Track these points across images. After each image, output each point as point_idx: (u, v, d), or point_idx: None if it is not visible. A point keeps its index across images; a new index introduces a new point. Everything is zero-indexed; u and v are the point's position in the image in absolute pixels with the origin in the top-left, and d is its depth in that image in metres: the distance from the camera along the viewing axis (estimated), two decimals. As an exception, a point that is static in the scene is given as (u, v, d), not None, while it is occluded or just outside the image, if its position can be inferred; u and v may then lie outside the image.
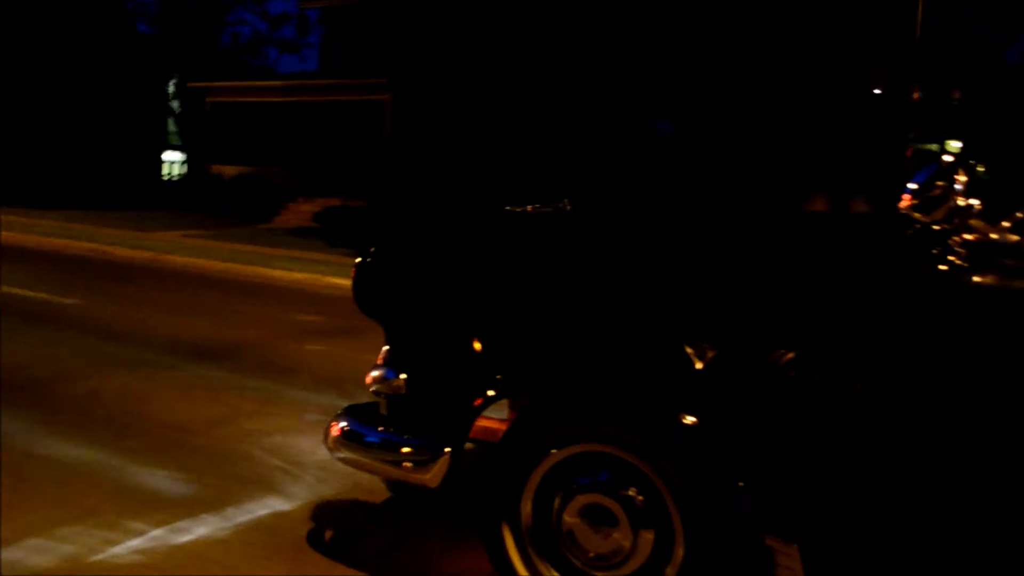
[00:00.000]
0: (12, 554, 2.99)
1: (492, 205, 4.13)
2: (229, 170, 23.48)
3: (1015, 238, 2.30)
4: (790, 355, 2.32)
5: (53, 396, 5.10)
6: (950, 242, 2.32)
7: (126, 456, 4.05)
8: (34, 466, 3.88)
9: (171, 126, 34.30)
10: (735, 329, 2.45)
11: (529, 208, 3.44)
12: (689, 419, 2.34)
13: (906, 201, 2.40)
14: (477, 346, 2.83)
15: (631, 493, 2.44)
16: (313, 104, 22.31)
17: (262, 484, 3.77)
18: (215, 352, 6.59)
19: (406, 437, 2.86)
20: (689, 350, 2.44)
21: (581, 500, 2.50)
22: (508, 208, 3.46)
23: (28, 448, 4.10)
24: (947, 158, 2.36)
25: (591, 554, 2.50)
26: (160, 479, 3.79)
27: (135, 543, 3.12)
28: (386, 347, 3.03)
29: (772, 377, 2.33)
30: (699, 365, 2.42)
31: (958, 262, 2.30)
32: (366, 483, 3.66)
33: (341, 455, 3.03)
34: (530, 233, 3.14)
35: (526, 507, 2.60)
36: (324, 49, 24.35)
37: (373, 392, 3.00)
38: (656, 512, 2.40)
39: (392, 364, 2.97)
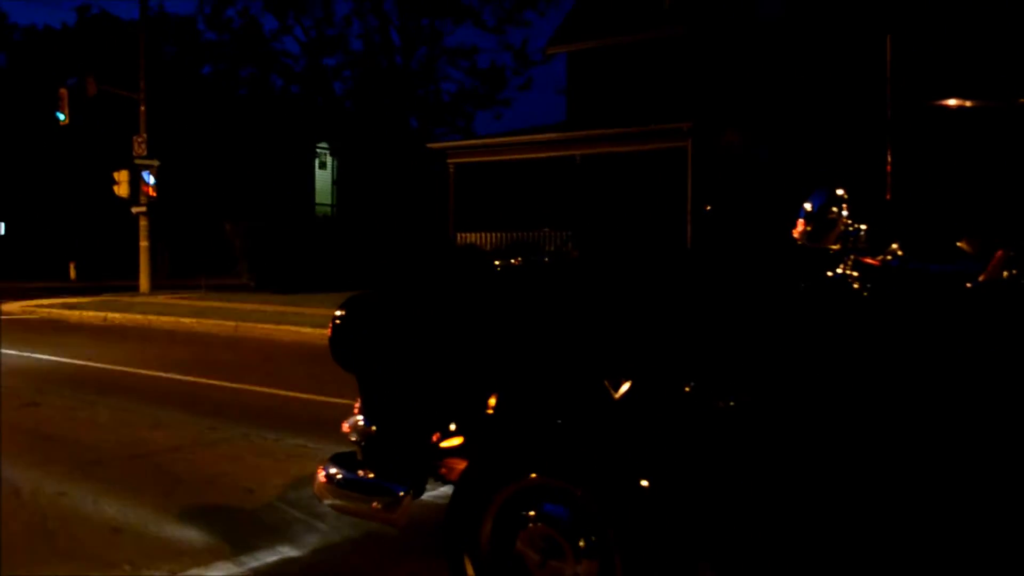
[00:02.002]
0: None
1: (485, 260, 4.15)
2: (477, 237, 20.29)
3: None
4: (712, 389, 2.40)
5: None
6: (844, 265, 2.44)
7: (161, 510, 4.25)
8: (71, 522, 4.10)
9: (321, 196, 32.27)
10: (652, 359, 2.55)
11: (513, 261, 3.85)
12: (629, 477, 2.45)
13: (800, 226, 2.44)
14: (434, 395, 3.01)
15: (577, 527, 2.53)
16: (580, 159, 19.09)
17: (278, 533, 3.95)
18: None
19: (376, 481, 3.03)
20: (615, 391, 2.54)
21: (531, 531, 2.61)
22: (498, 262, 3.77)
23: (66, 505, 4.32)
24: (840, 192, 2.42)
25: None
26: (186, 531, 3.96)
27: None
28: (360, 398, 3.22)
29: (700, 413, 2.41)
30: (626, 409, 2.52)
31: (854, 285, 2.42)
32: (377, 530, 3.80)
33: (326, 500, 3.18)
34: (489, 287, 3.28)
35: (484, 541, 2.71)
36: (573, 96, 21.35)
37: (351, 440, 3.17)
38: (599, 545, 2.49)
39: (365, 413, 3.15)
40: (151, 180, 21.12)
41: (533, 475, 2.59)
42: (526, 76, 31.45)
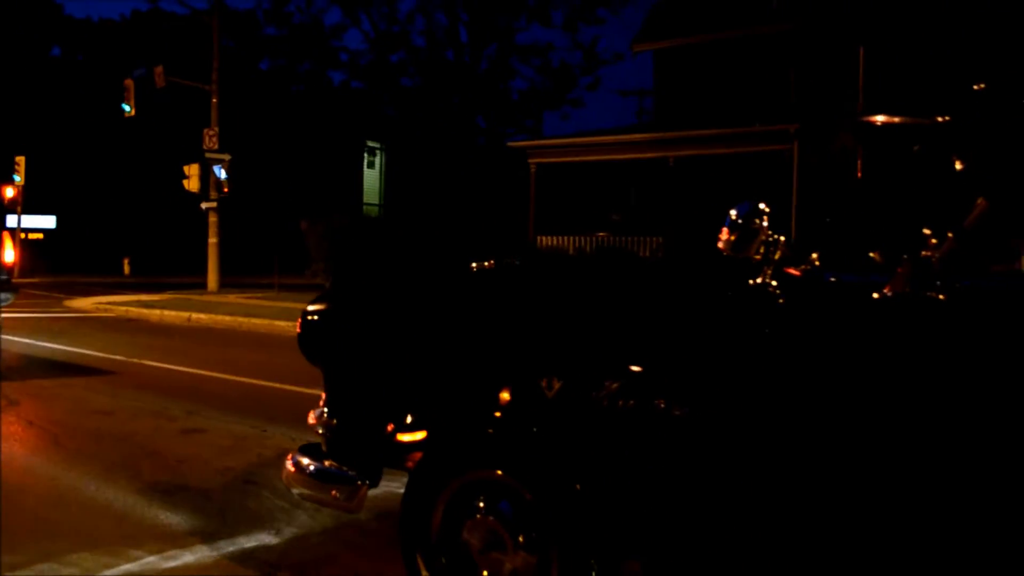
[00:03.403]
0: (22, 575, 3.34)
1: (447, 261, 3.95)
2: (559, 241, 19.27)
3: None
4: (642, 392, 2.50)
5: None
6: (764, 274, 2.48)
7: (149, 494, 4.34)
8: (64, 504, 4.21)
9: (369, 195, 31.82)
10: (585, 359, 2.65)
11: (486, 264, 3.51)
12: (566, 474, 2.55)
13: (724, 234, 2.49)
14: (392, 387, 3.08)
15: (520, 522, 2.61)
16: (674, 161, 17.98)
17: (259, 520, 3.99)
18: None
19: (336, 471, 3.12)
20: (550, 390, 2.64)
21: (477, 523, 2.69)
22: (473, 264, 3.51)
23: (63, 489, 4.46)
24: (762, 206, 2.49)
25: (484, 573, 2.68)
26: (171, 515, 4.05)
27: (129, 567, 3.41)
28: (324, 391, 3.30)
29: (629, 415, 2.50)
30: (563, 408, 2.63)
31: (775, 294, 2.48)
32: (355, 519, 3.87)
33: (293, 488, 3.27)
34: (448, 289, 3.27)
35: (434, 536, 2.79)
36: (660, 96, 20.34)
37: (317, 431, 3.25)
38: (539, 541, 2.57)
39: (328, 406, 3.23)
40: (223, 175, 20.23)
41: (493, 470, 2.66)
42: (594, 76, 30.26)
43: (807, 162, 17.05)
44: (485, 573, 2.66)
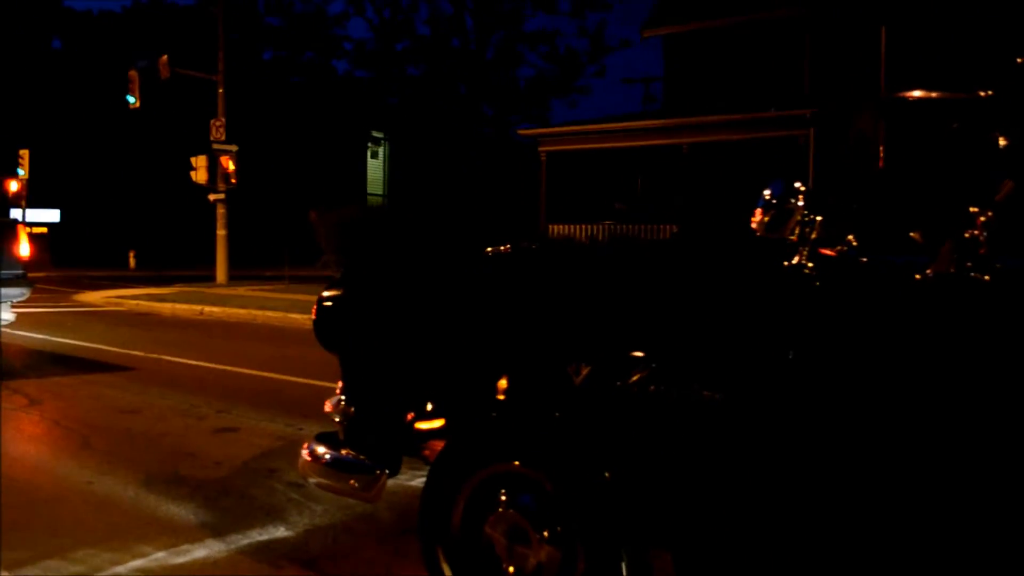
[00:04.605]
0: (28, 571, 3.25)
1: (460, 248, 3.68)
2: (570, 229, 19.07)
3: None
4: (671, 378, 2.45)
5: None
6: (800, 255, 2.41)
7: (163, 488, 4.27)
8: (73, 498, 4.15)
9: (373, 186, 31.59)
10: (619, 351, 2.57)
11: (502, 248, 3.38)
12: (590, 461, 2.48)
13: (758, 215, 2.40)
14: (411, 375, 3.03)
15: (544, 516, 2.54)
16: (688, 148, 17.73)
17: (271, 513, 3.93)
18: None
19: (355, 459, 3.07)
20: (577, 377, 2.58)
21: (500, 517, 2.62)
22: (489, 248, 3.37)
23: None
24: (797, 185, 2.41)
25: (509, 569, 2.63)
26: (184, 509, 3.98)
27: (137, 563, 3.35)
28: (341, 379, 3.26)
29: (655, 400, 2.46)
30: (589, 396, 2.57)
31: (811, 275, 2.40)
32: (369, 511, 3.87)
33: (310, 478, 3.26)
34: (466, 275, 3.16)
35: (455, 530, 2.72)
36: (670, 82, 20.06)
37: (334, 420, 3.21)
38: (565, 535, 2.50)
39: (345, 394, 3.19)
40: (231, 166, 19.90)
41: (516, 463, 2.59)
42: (600, 63, 29.85)
43: (824, 147, 16.80)
44: (510, 569, 2.58)
